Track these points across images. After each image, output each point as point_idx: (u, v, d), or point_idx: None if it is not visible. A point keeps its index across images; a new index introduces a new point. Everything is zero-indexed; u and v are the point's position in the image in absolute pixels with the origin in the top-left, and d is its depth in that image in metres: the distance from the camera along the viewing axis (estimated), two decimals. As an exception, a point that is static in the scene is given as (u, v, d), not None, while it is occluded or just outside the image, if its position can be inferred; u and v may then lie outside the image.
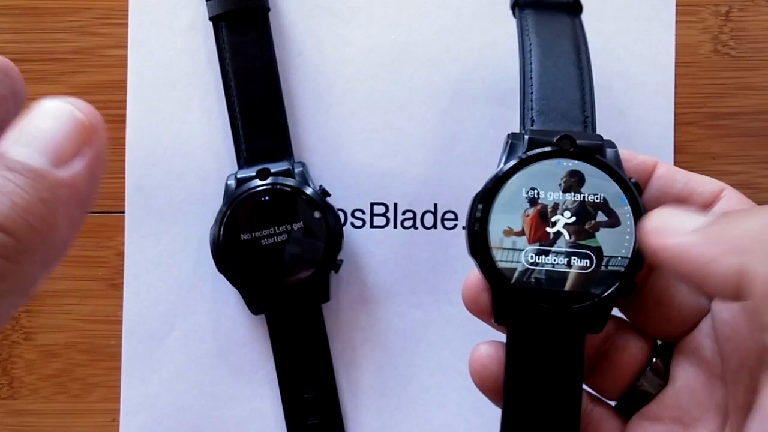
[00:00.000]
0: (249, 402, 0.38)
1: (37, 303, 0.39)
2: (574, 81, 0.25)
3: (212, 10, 0.37)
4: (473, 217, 0.24)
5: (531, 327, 0.23)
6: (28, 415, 0.39)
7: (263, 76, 0.37)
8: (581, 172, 0.23)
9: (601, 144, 0.24)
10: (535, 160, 0.23)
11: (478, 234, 0.23)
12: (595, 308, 0.23)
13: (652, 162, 0.26)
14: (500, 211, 0.23)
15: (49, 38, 0.39)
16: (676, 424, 0.24)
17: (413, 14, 0.39)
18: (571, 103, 0.25)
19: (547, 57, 0.25)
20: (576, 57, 0.26)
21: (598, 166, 0.23)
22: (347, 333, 0.38)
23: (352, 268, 0.38)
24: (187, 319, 0.38)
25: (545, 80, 0.25)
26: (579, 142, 0.23)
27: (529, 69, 0.25)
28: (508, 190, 0.23)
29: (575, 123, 0.24)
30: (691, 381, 0.24)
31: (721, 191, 0.25)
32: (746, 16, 0.39)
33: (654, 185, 0.25)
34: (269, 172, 0.36)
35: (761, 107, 0.39)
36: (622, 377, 0.26)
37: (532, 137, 0.24)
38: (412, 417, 0.38)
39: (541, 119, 0.24)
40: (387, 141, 0.39)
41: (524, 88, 0.25)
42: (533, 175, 0.23)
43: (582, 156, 0.23)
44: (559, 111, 0.24)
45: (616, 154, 0.24)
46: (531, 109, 0.25)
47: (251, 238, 0.35)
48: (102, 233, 0.39)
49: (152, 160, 0.38)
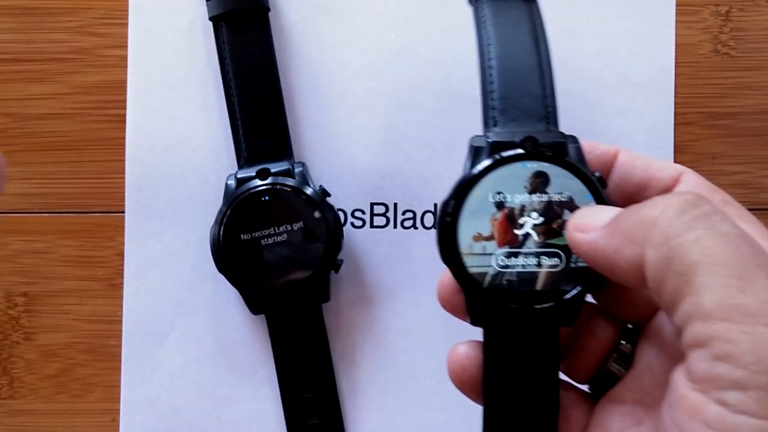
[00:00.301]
0: (249, 402, 0.38)
1: (37, 303, 0.39)
2: (534, 75, 0.25)
3: (212, 10, 0.37)
4: (443, 225, 0.24)
5: (506, 327, 0.24)
6: (28, 415, 0.39)
7: (263, 76, 0.37)
8: (546, 172, 0.24)
9: (564, 141, 0.24)
10: (499, 165, 0.24)
11: (448, 241, 0.24)
12: (566, 305, 0.24)
13: (613, 151, 0.26)
14: (468, 217, 0.24)
15: (48, 38, 0.39)
16: (638, 405, 0.24)
17: (413, 14, 0.39)
18: (532, 98, 0.25)
19: (506, 51, 0.25)
20: (535, 48, 0.25)
21: (561, 165, 0.24)
22: (347, 333, 0.38)
23: (352, 268, 0.38)
24: (187, 319, 0.38)
25: (505, 77, 0.25)
26: (542, 141, 0.24)
27: (489, 65, 0.25)
28: (475, 196, 0.24)
29: (538, 119, 0.24)
30: (653, 363, 0.24)
31: (680, 175, 0.25)
32: (746, 16, 0.39)
33: (616, 174, 0.26)
34: (269, 172, 0.36)
35: (761, 107, 0.39)
36: (591, 361, 0.26)
37: (495, 141, 0.24)
38: (412, 417, 0.38)
39: (504, 119, 0.24)
40: (387, 141, 0.39)
41: (484, 86, 0.25)
42: (499, 180, 0.24)
43: (545, 157, 0.24)
44: (521, 108, 0.25)
45: (578, 150, 0.24)
46: (493, 108, 0.25)
47: (251, 238, 0.35)
48: (102, 233, 0.39)
49: (152, 160, 0.38)
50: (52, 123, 0.39)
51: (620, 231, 0.21)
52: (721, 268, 0.19)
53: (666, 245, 0.19)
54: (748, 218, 0.23)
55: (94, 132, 0.39)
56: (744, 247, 0.19)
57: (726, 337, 0.18)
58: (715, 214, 0.20)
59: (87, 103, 0.39)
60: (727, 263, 0.19)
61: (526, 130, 0.24)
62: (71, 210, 0.39)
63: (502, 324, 0.24)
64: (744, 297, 0.18)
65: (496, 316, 0.24)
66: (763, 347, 0.18)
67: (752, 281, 0.18)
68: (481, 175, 0.24)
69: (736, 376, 0.18)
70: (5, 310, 0.39)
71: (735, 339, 0.18)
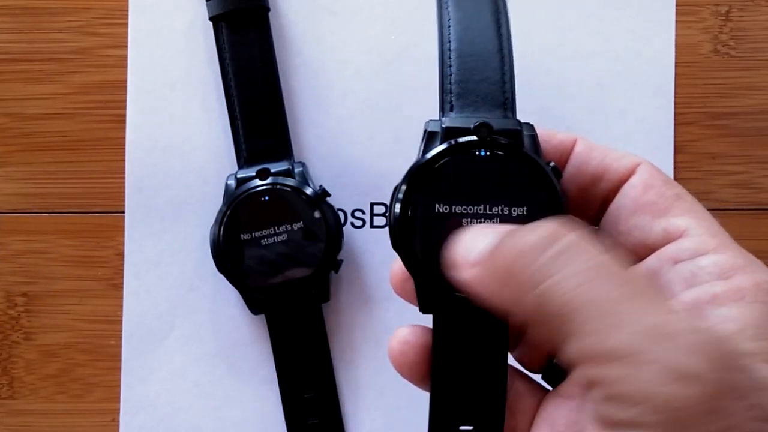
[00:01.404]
0: (249, 402, 0.38)
1: (37, 303, 0.39)
2: (494, 59, 0.24)
3: (212, 10, 0.37)
4: (393, 212, 0.23)
5: (455, 314, 0.24)
6: (28, 415, 0.39)
7: (263, 76, 0.37)
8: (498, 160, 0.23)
9: (519, 129, 0.23)
10: (456, 150, 0.23)
11: (398, 228, 0.23)
12: None
13: (570, 140, 0.25)
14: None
15: (48, 38, 0.39)
16: (586, 400, 0.24)
17: (413, 14, 0.39)
18: (491, 84, 0.24)
19: (466, 33, 0.25)
20: (496, 31, 0.25)
21: (513, 153, 0.23)
22: (347, 333, 0.38)
23: (352, 268, 0.38)
24: (187, 319, 0.38)
25: (464, 60, 0.24)
26: (496, 127, 0.23)
27: (448, 47, 0.24)
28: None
29: (495, 106, 0.24)
30: None
31: (636, 166, 0.24)
32: (746, 16, 0.39)
33: (572, 164, 0.25)
34: (269, 172, 0.36)
35: (761, 107, 0.39)
36: (542, 351, 0.26)
37: (449, 126, 0.24)
38: (412, 417, 0.38)
39: (460, 104, 0.24)
40: (387, 141, 0.39)
41: (442, 69, 0.24)
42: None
43: (498, 144, 0.23)
44: (479, 93, 0.24)
45: (533, 139, 0.24)
46: (450, 92, 0.24)
47: (251, 238, 0.35)
48: (102, 233, 0.39)
49: (152, 160, 0.38)
50: (52, 123, 0.39)
51: (497, 272, 0.20)
52: (590, 309, 0.18)
53: (535, 291, 0.19)
54: (701, 214, 0.23)
55: (94, 132, 0.39)
56: (607, 280, 0.19)
57: (611, 379, 0.18)
58: (576, 246, 0.19)
59: (87, 103, 0.39)
60: (594, 302, 0.18)
61: (482, 116, 0.24)
62: (71, 210, 0.39)
63: (450, 312, 0.23)
64: (616, 337, 0.18)
65: (445, 303, 0.23)
66: (648, 385, 0.17)
67: (620, 318, 0.18)
68: (432, 162, 0.23)
69: (630, 415, 0.18)
70: (5, 310, 0.39)
71: (619, 380, 0.18)
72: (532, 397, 0.25)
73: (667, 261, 0.22)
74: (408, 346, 0.25)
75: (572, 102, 0.39)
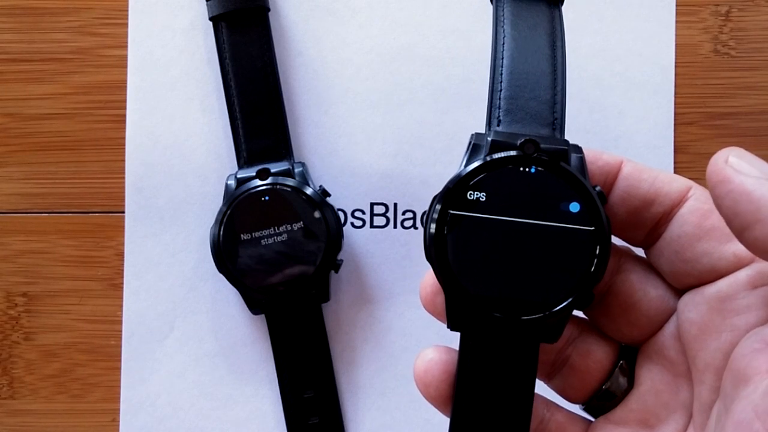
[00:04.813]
0: (249, 402, 0.38)
1: (37, 303, 0.39)
2: (546, 80, 0.24)
3: (212, 10, 0.37)
4: (431, 220, 0.23)
5: (486, 336, 0.23)
6: (28, 415, 0.39)
7: (263, 76, 0.37)
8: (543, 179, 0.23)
9: (567, 149, 0.23)
10: (496, 165, 0.23)
11: (436, 238, 0.23)
12: (553, 317, 0.22)
13: (617, 162, 0.25)
14: None
15: (49, 38, 0.39)
16: (641, 427, 0.24)
17: (413, 14, 0.39)
18: (541, 103, 0.23)
19: (521, 52, 0.24)
20: (551, 53, 0.24)
21: (557, 173, 0.22)
22: (347, 333, 0.38)
23: (352, 268, 0.38)
24: (187, 319, 0.38)
25: (516, 77, 0.24)
26: (543, 146, 0.22)
27: (500, 64, 0.24)
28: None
29: (544, 125, 0.23)
30: (656, 383, 0.24)
31: (689, 190, 0.24)
32: (746, 16, 0.39)
33: (620, 186, 0.24)
34: (269, 172, 0.36)
35: (761, 107, 0.39)
36: (586, 382, 0.25)
37: (495, 139, 0.23)
38: (412, 417, 0.38)
39: (508, 119, 0.23)
40: (387, 141, 0.39)
41: (493, 84, 0.24)
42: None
43: (541, 162, 0.22)
44: (528, 111, 0.23)
45: (581, 161, 0.23)
46: (498, 107, 0.24)
47: (251, 237, 0.35)
48: (102, 233, 0.39)
49: (152, 160, 0.38)
50: (52, 123, 0.39)
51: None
52: None
53: None
54: None
55: (94, 132, 0.39)
56: None
57: None
58: None
59: (87, 103, 0.39)
60: None
61: (529, 132, 0.23)
62: (71, 210, 0.39)
63: (481, 332, 0.23)
64: None
65: (478, 323, 0.23)
66: None
67: None
68: (472, 176, 0.23)
69: None
70: (5, 310, 0.39)
71: None
72: (574, 427, 0.25)
73: (744, 286, 0.22)
74: (433, 364, 0.24)
75: (572, 102, 0.38)
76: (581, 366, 0.25)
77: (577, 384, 0.25)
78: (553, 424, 0.25)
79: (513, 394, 0.23)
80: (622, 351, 0.25)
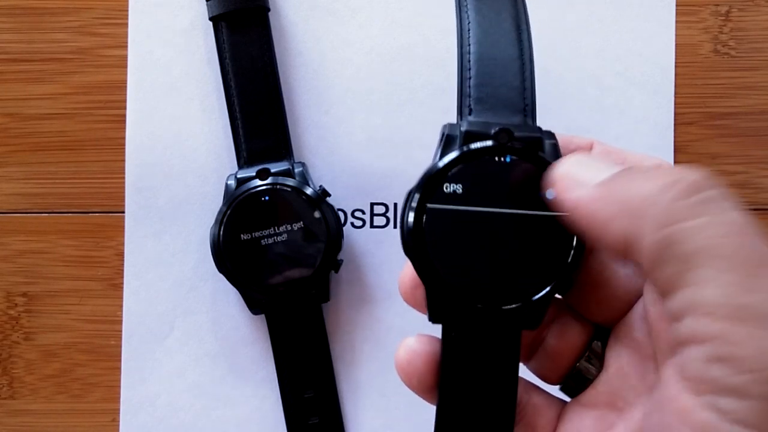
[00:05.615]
0: (249, 402, 0.38)
1: (37, 303, 0.39)
2: (515, 65, 0.24)
3: (212, 10, 0.37)
4: (408, 214, 0.23)
5: (467, 326, 0.23)
6: (28, 415, 0.39)
7: (263, 76, 0.37)
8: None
9: (540, 137, 0.23)
10: (471, 157, 0.23)
11: (412, 237, 0.23)
12: (533, 306, 0.23)
13: (587, 144, 0.25)
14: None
15: (49, 38, 0.39)
16: (610, 409, 0.23)
17: (413, 14, 0.39)
18: (510, 89, 0.23)
19: (487, 37, 0.24)
20: (517, 37, 0.24)
21: (533, 161, 0.22)
22: (347, 333, 0.38)
23: (352, 268, 0.38)
24: (187, 319, 0.38)
25: (484, 64, 0.24)
26: (517, 134, 0.23)
27: (467, 50, 0.24)
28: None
29: (515, 111, 0.23)
30: (624, 365, 0.23)
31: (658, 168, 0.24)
32: (746, 16, 0.39)
33: None
34: (269, 172, 0.36)
35: (761, 107, 0.39)
36: (561, 363, 0.25)
37: (468, 130, 0.23)
38: (412, 417, 0.38)
39: (479, 108, 0.23)
40: (387, 141, 0.39)
41: (462, 72, 0.24)
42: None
43: (519, 151, 0.22)
44: (499, 98, 0.23)
45: (554, 147, 0.23)
46: (469, 96, 0.23)
47: (251, 238, 0.35)
48: (102, 233, 0.39)
49: (152, 160, 0.38)
50: (52, 123, 0.39)
51: (614, 198, 0.19)
52: (728, 262, 0.17)
53: (667, 228, 0.18)
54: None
55: (94, 132, 0.39)
56: (752, 239, 0.17)
57: (730, 338, 0.17)
58: (723, 199, 0.18)
59: (87, 103, 0.39)
60: (734, 256, 0.17)
61: (501, 121, 0.23)
62: (71, 210, 0.39)
63: (463, 323, 0.23)
64: (752, 296, 0.17)
65: (459, 315, 0.23)
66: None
67: (761, 279, 0.17)
68: (448, 168, 0.23)
69: (735, 381, 0.17)
70: (5, 310, 0.39)
71: (740, 341, 0.17)
72: (550, 409, 0.25)
73: None
74: (415, 355, 0.24)
75: (572, 102, 0.39)
76: (555, 347, 0.25)
77: (553, 365, 0.25)
78: (530, 407, 0.24)
79: (497, 381, 0.23)
80: (597, 332, 0.25)
